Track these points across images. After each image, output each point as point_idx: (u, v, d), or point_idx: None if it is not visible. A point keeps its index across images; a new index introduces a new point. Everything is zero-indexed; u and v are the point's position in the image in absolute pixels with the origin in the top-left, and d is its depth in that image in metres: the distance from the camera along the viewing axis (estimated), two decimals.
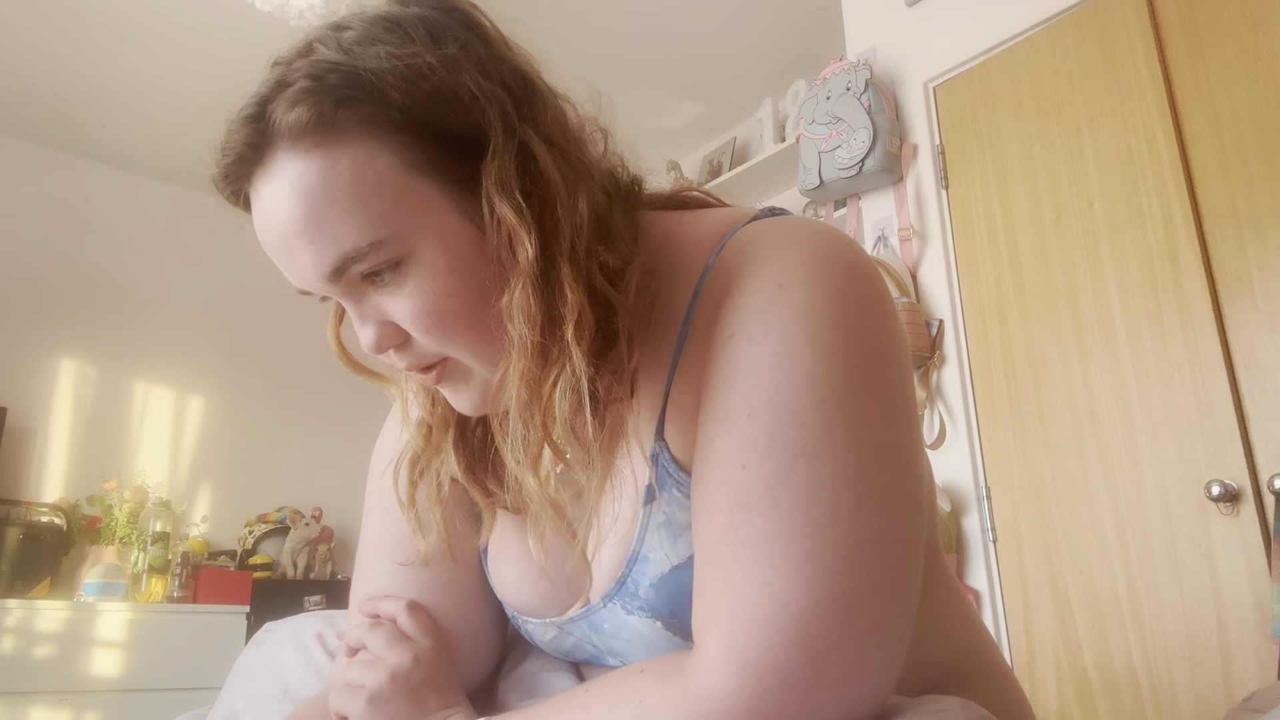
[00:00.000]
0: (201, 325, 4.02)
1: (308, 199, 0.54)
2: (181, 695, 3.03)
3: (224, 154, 0.58)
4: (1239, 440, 1.66)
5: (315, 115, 0.53)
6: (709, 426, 0.53)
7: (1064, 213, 2.02)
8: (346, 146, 0.53)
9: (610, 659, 0.64)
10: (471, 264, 0.55)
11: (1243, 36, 1.79)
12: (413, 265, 0.55)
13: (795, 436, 0.50)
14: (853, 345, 0.52)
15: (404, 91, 0.53)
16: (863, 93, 2.35)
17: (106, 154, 3.86)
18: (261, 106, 0.55)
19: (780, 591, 0.47)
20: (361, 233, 0.54)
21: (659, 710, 0.48)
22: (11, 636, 2.89)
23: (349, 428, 4.28)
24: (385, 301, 0.56)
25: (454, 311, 0.55)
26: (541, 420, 0.54)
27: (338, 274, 0.56)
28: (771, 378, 0.51)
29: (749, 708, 0.46)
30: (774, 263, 0.54)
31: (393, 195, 0.54)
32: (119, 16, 3.02)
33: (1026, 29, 2.16)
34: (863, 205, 2.47)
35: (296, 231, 0.55)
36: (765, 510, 0.49)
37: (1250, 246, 1.72)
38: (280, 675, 0.71)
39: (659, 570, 0.57)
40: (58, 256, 3.72)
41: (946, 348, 2.17)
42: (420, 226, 0.54)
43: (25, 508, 3.35)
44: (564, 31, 3.15)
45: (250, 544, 3.74)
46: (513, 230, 0.54)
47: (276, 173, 0.55)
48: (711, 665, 0.48)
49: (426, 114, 0.54)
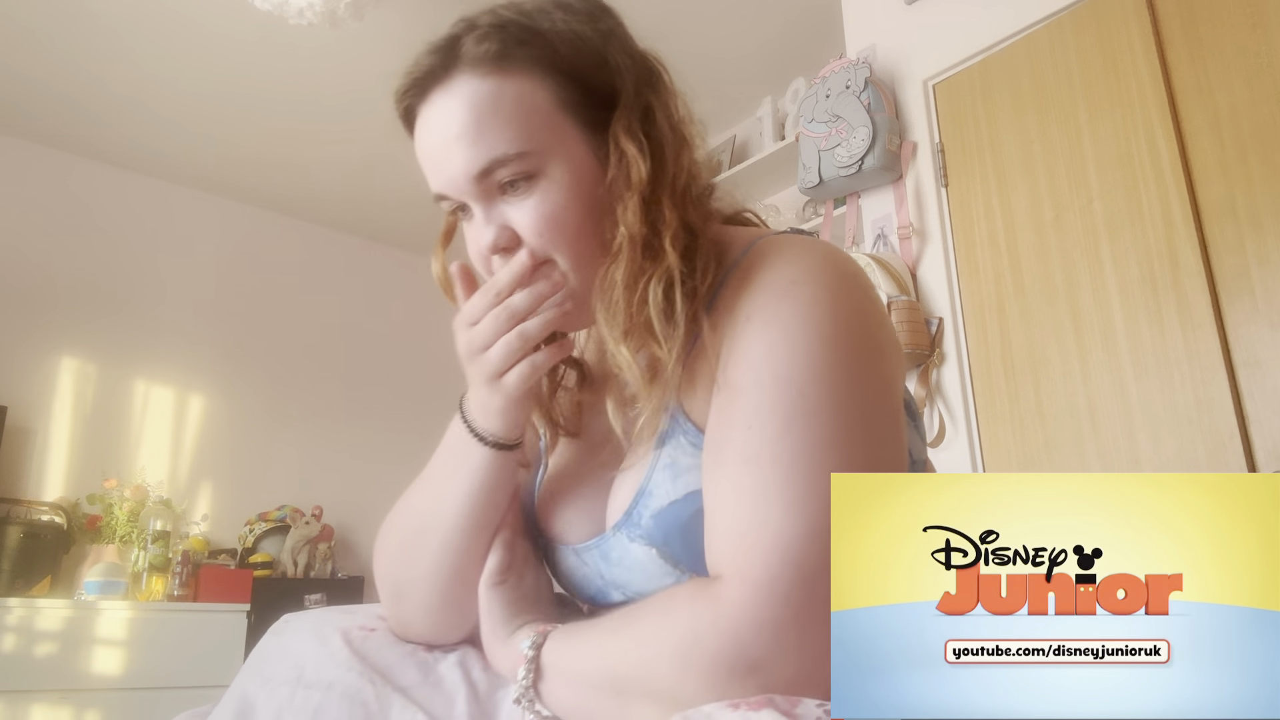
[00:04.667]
0: (201, 324, 4.03)
1: (477, 110, 0.67)
2: (182, 693, 3.03)
3: (412, 71, 0.70)
4: (1238, 438, 1.66)
5: (497, 48, 0.68)
6: (724, 393, 0.64)
7: (1063, 211, 2.03)
8: (515, 77, 0.68)
9: (614, 592, 0.74)
10: (588, 189, 0.69)
11: (1242, 35, 1.79)
12: (542, 179, 0.68)
13: (793, 404, 0.61)
14: (848, 335, 0.64)
15: (566, 46, 0.70)
16: (862, 91, 2.35)
17: (106, 153, 3.86)
18: (453, 39, 0.69)
19: (778, 527, 0.58)
20: (513, 142, 0.67)
21: (692, 614, 0.59)
22: (12, 635, 2.89)
23: (349, 426, 4.29)
24: (510, 209, 0.69)
25: (565, 222, 0.68)
26: (641, 299, 0.67)
27: (484, 175, 0.68)
28: (778, 356, 0.62)
29: (756, 616, 0.56)
30: (789, 265, 0.67)
31: (542, 121, 0.68)
32: (119, 16, 3.02)
33: (1026, 27, 2.17)
34: (862, 203, 2.47)
35: (459, 135, 0.68)
36: (765, 463, 0.60)
37: (1249, 244, 1.72)
38: (296, 662, 0.73)
39: (659, 504, 0.68)
40: (58, 255, 3.73)
41: (946, 346, 2.17)
42: (557, 150, 0.68)
43: (26, 506, 3.35)
44: None
45: (250, 542, 3.74)
46: (632, 160, 0.69)
47: (455, 89, 0.68)
48: (727, 584, 0.59)
49: (579, 68, 0.70)
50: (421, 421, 4.48)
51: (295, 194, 4.24)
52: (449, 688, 0.72)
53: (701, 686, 0.57)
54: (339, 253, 4.57)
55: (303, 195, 4.25)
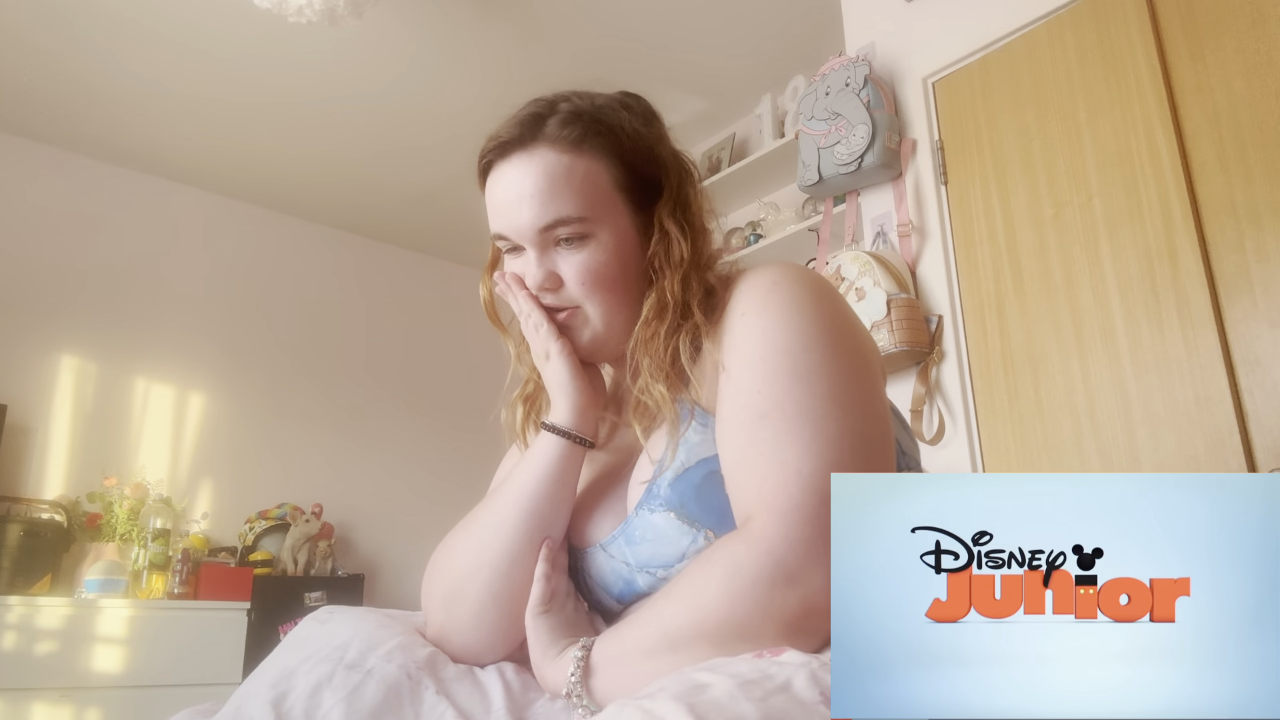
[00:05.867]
0: (201, 322, 4.02)
1: (552, 178, 0.83)
2: (182, 691, 3.04)
3: (499, 134, 0.85)
4: (1238, 435, 1.66)
5: (577, 133, 0.84)
6: (733, 369, 0.77)
7: (1063, 208, 2.02)
8: (586, 157, 0.84)
9: (639, 577, 0.82)
10: (627, 256, 0.85)
11: (1242, 31, 1.79)
12: (592, 241, 0.84)
13: (792, 367, 0.74)
14: (825, 318, 0.78)
15: (628, 141, 0.86)
16: (862, 88, 2.35)
17: (106, 151, 3.86)
18: (538, 117, 0.85)
19: (795, 463, 0.69)
20: (577, 208, 0.83)
21: (729, 551, 0.68)
22: (13, 633, 2.89)
23: (349, 424, 4.29)
24: (561, 260, 0.85)
25: (604, 277, 0.84)
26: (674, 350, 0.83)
27: (548, 230, 0.83)
28: (773, 335, 0.76)
29: (788, 535, 0.66)
30: (769, 272, 0.82)
31: (601, 195, 0.84)
32: (118, 14, 3.02)
33: (1026, 24, 2.16)
34: (862, 201, 2.47)
35: (533, 193, 0.82)
36: (776, 416, 0.72)
37: (1249, 242, 1.72)
38: (341, 644, 0.77)
39: (675, 473, 0.79)
40: (57, 253, 3.72)
41: (946, 344, 2.17)
42: (608, 220, 0.84)
43: (26, 505, 3.35)
44: (565, 28, 3.15)
45: (250, 540, 3.74)
46: (674, 240, 0.86)
47: (535, 156, 0.83)
48: (755, 516, 0.69)
49: (634, 159, 0.87)
50: (422, 419, 4.48)
51: (295, 192, 4.23)
52: (485, 685, 0.78)
53: (748, 607, 0.65)
54: (338, 250, 4.57)
55: (302, 193, 4.25)
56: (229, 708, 0.74)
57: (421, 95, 3.54)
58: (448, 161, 3.91)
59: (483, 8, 3.06)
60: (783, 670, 0.57)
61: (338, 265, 4.55)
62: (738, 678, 0.56)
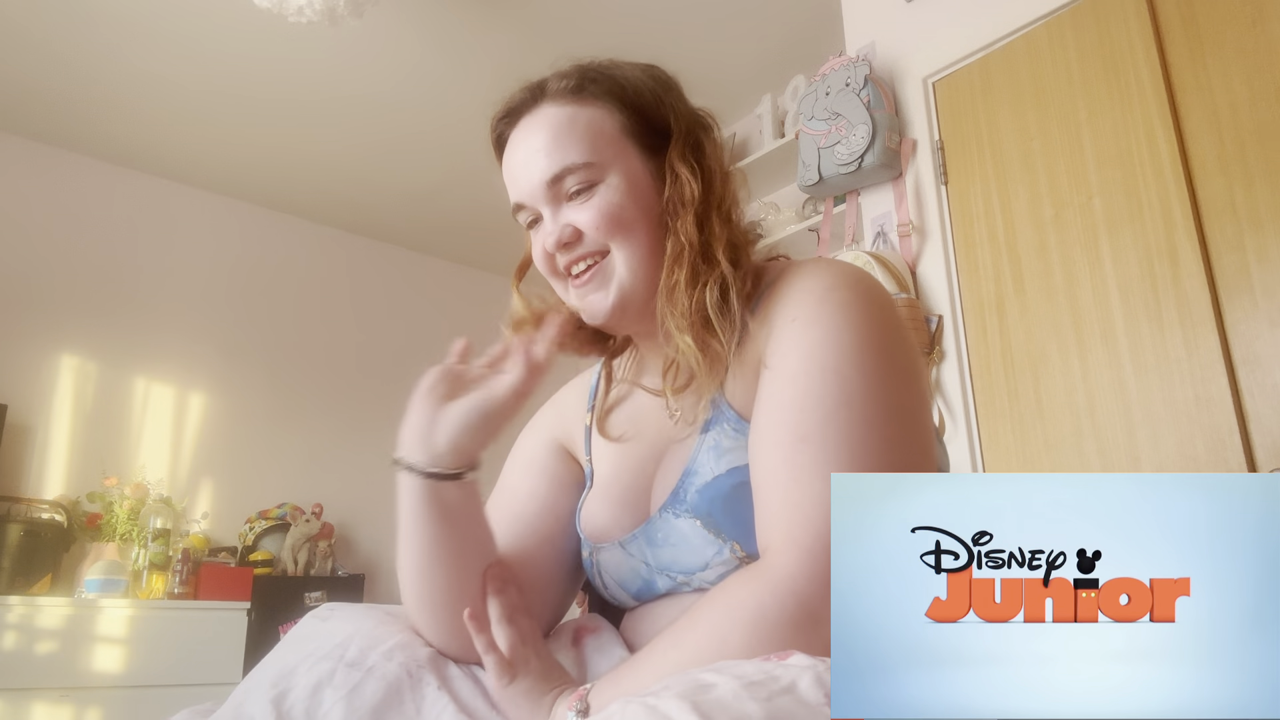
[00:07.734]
0: (202, 322, 4.02)
1: (555, 129, 0.82)
2: (182, 691, 3.04)
3: (506, 104, 0.86)
4: (1238, 435, 1.66)
5: (574, 84, 0.83)
6: (774, 383, 0.73)
7: (1063, 208, 2.03)
8: (587, 105, 0.83)
9: (659, 579, 0.80)
10: (643, 199, 0.82)
11: (1242, 32, 1.79)
12: (601, 186, 0.81)
13: (838, 390, 0.70)
14: (879, 333, 0.74)
15: (634, 90, 0.85)
16: (862, 88, 2.35)
17: (106, 151, 3.86)
18: (542, 81, 0.85)
19: (828, 497, 0.61)
20: (581, 154, 0.81)
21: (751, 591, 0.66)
22: (13, 633, 2.89)
23: (349, 424, 4.28)
24: (574, 212, 0.82)
25: (620, 218, 0.81)
26: (700, 299, 0.79)
27: (555, 181, 0.81)
28: (822, 350, 0.72)
29: (814, 574, 0.64)
30: (823, 275, 0.78)
31: (607, 140, 0.82)
32: (118, 13, 3.02)
33: (1026, 24, 2.16)
34: (862, 201, 2.47)
35: (539, 148, 0.81)
36: (816, 442, 0.69)
37: (1249, 242, 1.72)
38: (341, 642, 0.77)
39: (704, 479, 0.77)
40: (58, 253, 3.72)
41: (946, 343, 2.18)
42: (617, 164, 0.82)
43: (26, 505, 3.35)
44: (565, 27, 3.15)
45: (251, 540, 3.74)
46: (685, 181, 0.82)
47: (539, 114, 0.83)
48: (780, 552, 0.66)
49: (641, 105, 0.84)
50: None
51: (295, 191, 4.23)
52: (487, 683, 0.76)
53: (774, 649, 0.62)
54: (339, 250, 4.57)
55: (302, 193, 4.25)
56: (229, 706, 0.74)
57: (421, 95, 3.54)
58: (448, 161, 3.91)
59: (482, 8, 3.06)
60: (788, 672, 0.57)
61: (338, 265, 4.55)
62: (743, 678, 0.56)
